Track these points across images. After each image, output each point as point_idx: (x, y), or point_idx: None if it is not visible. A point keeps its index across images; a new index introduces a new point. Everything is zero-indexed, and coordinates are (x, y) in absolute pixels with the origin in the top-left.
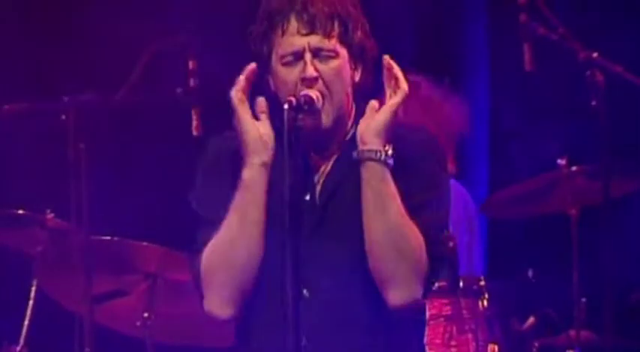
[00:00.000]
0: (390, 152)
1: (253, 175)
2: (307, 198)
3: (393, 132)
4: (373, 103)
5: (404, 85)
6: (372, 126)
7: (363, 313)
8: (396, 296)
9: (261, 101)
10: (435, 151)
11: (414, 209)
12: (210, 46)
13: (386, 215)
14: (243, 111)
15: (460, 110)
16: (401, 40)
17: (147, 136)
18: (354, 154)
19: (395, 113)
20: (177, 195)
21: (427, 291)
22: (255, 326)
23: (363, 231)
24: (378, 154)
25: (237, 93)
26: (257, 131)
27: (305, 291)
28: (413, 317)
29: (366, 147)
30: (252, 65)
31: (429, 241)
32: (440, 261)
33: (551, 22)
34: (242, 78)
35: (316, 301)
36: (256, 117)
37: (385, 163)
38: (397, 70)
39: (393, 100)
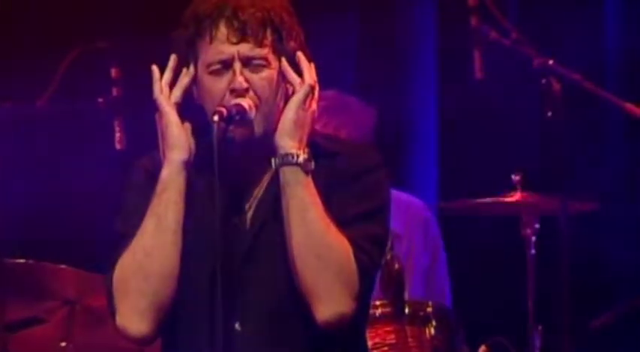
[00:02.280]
0: (305, 154)
1: (172, 173)
2: (237, 222)
3: (333, 147)
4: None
5: (308, 78)
6: (280, 127)
7: (299, 346)
8: (323, 310)
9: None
10: (372, 166)
11: (346, 222)
12: (134, 53)
13: (305, 221)
14: (166, 104)
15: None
16: (344, 54)
17: (66, 149)
18: (272, 163)
19: (301, 108)
20: (98, 214)
21: (362, 308)
22: None
23: None
24: (292, 158)
25: (160, 85)
26: (180, 126)
27: (237, 325)
28: (353, 348)
29: (281, 152)
30: (174, 56)
31: (359, 251)
32: (370, 272)
33: (504, 26)
34: (167, 70)
35: (249, 334)
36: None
37: (301, 165)
38: (304, 64)
39: (295, 96)
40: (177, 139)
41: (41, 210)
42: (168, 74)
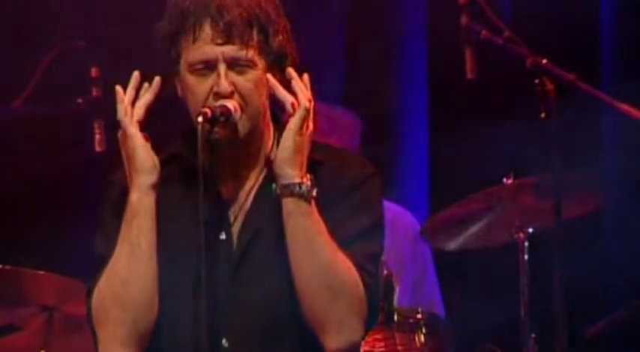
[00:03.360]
0: (308, 181)
1: (141, 198)
2: (222, 237)
3: (323, 156)
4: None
5: (303, 100)
6: (280, 155)
7: None
8: (334, 339)
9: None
10: (367, 177)
11: (347, 240)
12: (115, 53)
13: (314, 252)
14: (130, 126)
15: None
16: (332, 53)
17: (44, 151)
18: (274, 190)
19: (300, 133)
20: (76, 218)
21: (367, 331)
22: None
23: (291, 272)
24: (297, 188)
25: (125, 106)
26: (145, 148)
27: (224, 341)
28: None
29: (283, 182)
30: (136, 73)
31: (365, 274)
32: (377, 294)
33: (496, 25)
34: (129, 88)
35: (237, 351)
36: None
37: (305, 196)
38: (297, 83)
39: (292, 121)
40: (143, 163)
41: (18, 217)
42: (130, 92)
